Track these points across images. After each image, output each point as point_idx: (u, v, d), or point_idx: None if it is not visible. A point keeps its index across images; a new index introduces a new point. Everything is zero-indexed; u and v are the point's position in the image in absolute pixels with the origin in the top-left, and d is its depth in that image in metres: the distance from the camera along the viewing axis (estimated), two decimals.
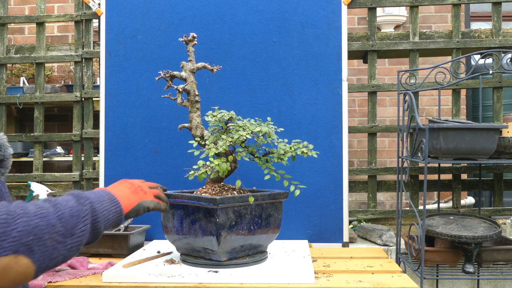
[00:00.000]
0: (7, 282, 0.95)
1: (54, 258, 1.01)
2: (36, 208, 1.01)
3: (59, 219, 1.02)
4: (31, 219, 0.98)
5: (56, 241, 1.01)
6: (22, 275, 0.97)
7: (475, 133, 1.84)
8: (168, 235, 1.71)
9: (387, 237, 2.31)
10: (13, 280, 0.96)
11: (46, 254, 0.99)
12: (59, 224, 1.02)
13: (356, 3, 2.43)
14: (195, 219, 1.59)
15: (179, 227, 1.63)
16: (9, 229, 0.94)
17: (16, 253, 0.94)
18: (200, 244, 1.60)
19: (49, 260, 1.00)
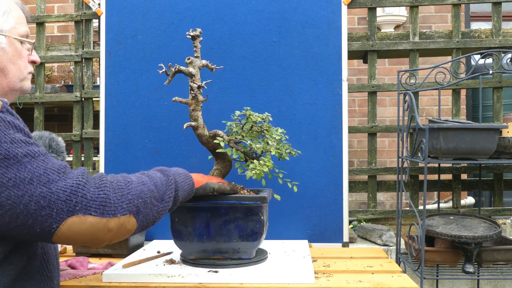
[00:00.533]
0: (117, 237, 1.12)
1: (149, 219, 1.18)
2: (136, 178, 1.18)
3: (155, 186, 1.20)
4: (137, 186, 1.15)
5: (153, 204, 1.18)
6: (127, 233, 1.14)
7: (475, 133, 1.84)
8: (184, 241, 1.61)
9: (387, 237, 2.31)
10: (120, 236, 1.12)
11: (145, 215, 1.16)
12: (155, 190, 1.20)
13: (356, 3, 2.43)
14: (230, 219, 1.59)
15: (204, 230, 1.59)
16: (125, 193, 1.11)
17: (130, 213, 1.11)
18: (232, 246, 1.60)
19: (146, 221, 1.17)
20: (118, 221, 1.08)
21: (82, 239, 1.06)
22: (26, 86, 1.26)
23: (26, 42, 1.24)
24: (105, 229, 1.06)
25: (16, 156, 0.99)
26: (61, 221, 1.00)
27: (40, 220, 0.99)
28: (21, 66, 1.23)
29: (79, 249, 1.93)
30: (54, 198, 0.99)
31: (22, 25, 1.24)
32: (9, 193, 0.97)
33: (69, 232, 1.02)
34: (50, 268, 1.18)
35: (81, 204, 1.02)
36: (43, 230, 1.01)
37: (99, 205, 1.04)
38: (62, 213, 1.00)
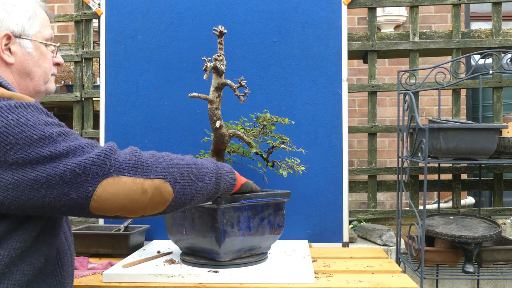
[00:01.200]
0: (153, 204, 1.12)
1: (186, 194, 1.18)
2: (176, 155, 1.22)
3: (195, 164, 1.22)
4: (173, 159, 1.18)
5: (191, 179, 1.19)
6: (164, 202, 1.14)
7: (475, 133, 1.84)
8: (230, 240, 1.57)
9: (387, 237, 2.31)
10: (156, 204, 1.13)
11: (183, 188, 1.17)
12: (194, 167, 1.21)
13: (356, 3, 2.43)
14: (264, 216, 1.66)
15: (246, 228, 1.61)
16: (159, 161, 1.14)
17: (165, 179, 1.13)
18: (264, 240, 1.67)
19: (182, 195, 1.17)
20: (152, 183, 1.10)
21: (119, 201, 1.07)
22: (51, 88, 1.30)
23: (50, 45, 1.28)
24: (139, 190, 1.08)
25: (51, 136, 1.04)
26: (96, 184, 1.04)
27: (76, 186, 1.03)
28: (46, 69, 1.27)
29: (79, 249, 1.93)
30: (89, 164, 1.03)
31: (47, 28, 1.27)
32: (44, 167, 1.01)
33: (105, 194, 1.05)
34: (64, 274, 1.19)
35: (114, 166, 1.06)
36: (80, 196, 1.03)
37: (132, 166, 1.08)
38: (97, 177, 1.04)
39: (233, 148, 1.89)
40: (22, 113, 1.04)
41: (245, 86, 1.67)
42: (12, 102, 1.04)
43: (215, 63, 1.63)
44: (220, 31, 1.65)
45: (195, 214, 1.60)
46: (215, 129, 1.66)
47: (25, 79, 1.22)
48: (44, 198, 1.03)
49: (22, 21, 1.20)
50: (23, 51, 1.21)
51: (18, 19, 1.20)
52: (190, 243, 1.66)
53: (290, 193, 1.73)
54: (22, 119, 1.03)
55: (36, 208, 1.04)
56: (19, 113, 1.03)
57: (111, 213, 1.10)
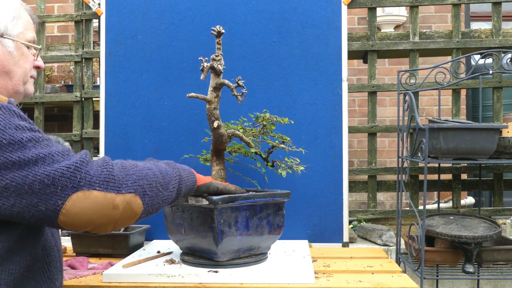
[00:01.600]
0: (124, 219, 1.11)
1: (154, 205, 1.17)
2: (142, 163, 1.21)
3: (160, 173, 1.21)
4: (142, 169, 1.16)
5: (158, 190, 1.18)
6: (134, 215, 1.13)
7: (475, 133, 1.84)
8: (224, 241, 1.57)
9: (387, 237, 2.31)
10: (127, 218, 1.11)
11: (151, 199, 1.16)
12: (160, 176, 1.20)
13: (356, 3, 2.43)
14: (263, 216, 1.65)
15: (244, 228, 1.60)
16: (129, 173, 1.12)
17: (136, 193, 1.11)
18: (263, 241, 1.67)
19: (152, 205, 1.16)
20: (123, 198, 1.08)
21: (89, 216, 1.04)
22: (29, 90, 1.29)
23: (32, 47, 1.28)
24: (110, 205, 1.06)
25: (21, 141, 1.01)
26: (66, 197, 1.01)
27: (45, 198, 1.00)
28: (26, 70, 1.26)
29: (79, 249, 1.93)
30: (58, 176, 1.01)
31: (30, 31, 1.28)
32: (13, 175, 0.99)
33: (74, 209, 1.02)
34: (52, 270, 1.19)
35: (85, 179, 1.03)
36: (48, 208, 1.01)
37: (103, 180, 1.06)
38: (67, 189, 1.01)
39: (234, 148, 1.89)
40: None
41: (243, 86, 1.67)
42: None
43: (212, 63, 1.62)
44: (218, 31, 1.65)
45: (194, 214, 1.60)
46: (213, 129, 1.66)
47: (4, 78, 1.22)
48: (13, 208, 1.01)
49: (5, 21, 1.21)
50: (4, 50, 1.21)
51: (1, 18, 1.21)
52: (189, 243, 1.66)
53: (290, 193, 1.73)
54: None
55: (5, 217, 1.02)
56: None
57: (81, 228, 1.07)
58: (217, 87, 1.65)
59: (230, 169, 2.03)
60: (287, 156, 1.90)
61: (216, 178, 1.73)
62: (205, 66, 1.60)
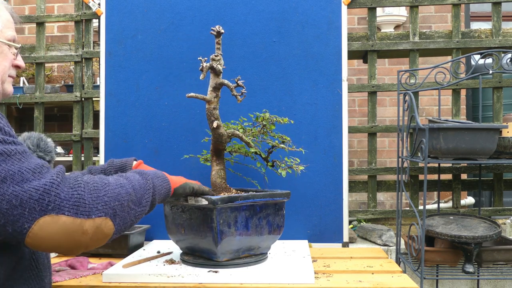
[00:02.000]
0: (94, 242, 1.07)
1: (126, 223, 1.13)
2: (114, 180, 1.14)
3: (133, 189, 1.16)
4: (114, 188, 1.11)
5: (130, 207, 1.14)
6: (105, 237, 1.09)
7: (475, 133, 1.84)
8: (227, 240, 1.57)
9: (387, 237, 2.31)
10: (97, 240, 1.08)
11: (123, 218, 1.11)
12: (133, 193, 1.16)
13: (356, 3, 2.43)
14: (263, 216, 1.65)
15: (244, 228, 1.60)
16: (101, 195, 1.06)
17: (106, 215, 1.06)
18: (262, 240, 1.67)
19: (123, 224, 1.12)
20: (93, 223, 1.03)
21: (56, 240, 1.01)
22: (8, 90, 1.24)
23: (12, 46, 1.24)
24: (79, 231, 1.02)
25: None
26: (33, 221, 0.97)
27: (12, 219, 0.97)
28: (4, 68, 1.22)
29: None
30: (26, 197, 0.97)
31: (10, 29, 1.23)
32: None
33: (41, 233, 0.98)
34: (40, 267, 1.18)
35: (54, 203, 0.99)
36: (15, 230, 0.98)
37: (73, 205, 1.01)
38: (35, 212, 0.97)
39: (234, 148, 1.89)
40: None
41: (242, 85, 1.67)
42: None
43: (211, 63, 1.62)
44: (217, 31, 1.65)
45: (193, 214, 1.60)
46: (213, 129, 1.66)
47: None
48: None
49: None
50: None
51: None
52: (189, 243, 1.66)
53: (289, 193, 1.73)
54: None
55: None
56: None
57: (48, 250, 1.05)
58: (216, 87, 1.65)
59: (230, 169, 2.03)
60: (287, 156, 1.90)
61: (216, 178, 1.73)
62: (205, 66, 1.60)
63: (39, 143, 1.64)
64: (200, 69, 1.60)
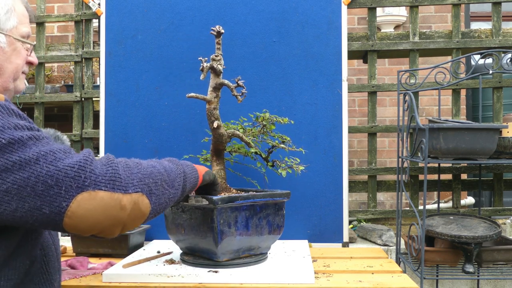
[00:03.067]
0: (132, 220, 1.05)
1: (161, 203, 1.13)
2: (146, 161, 1.16)
3: (165, 171, 1.16)
4: (146, 167, 1.11)
5: (164, 188, 1.13)
6: (142, 215, 1.07)
7: (475, 133, 1.84)
8: (227, 240, 1.57)
9: (387, 237, 2.31)
10: (134, 218, 1.06)
11: (158, 198, 1.11)
12: (165, 174, 1.16)
13: (356, 3, 2.43)
14: (263, 216, 1.65)
15: (244, 228, 1.60)
16: (134, 172, 1.07)
17: (142, 192, 1.06)
18: (263, 240, 1.67)
19: (158, 204, 1.11)
20: (130, 198, 1.02)
21: (95, 218, 0.98)
22: (20, 87, 1.23)
23: (26, 43, 1.22)
24: (117, 206, 1.00)
25: (21, 140, 0.96)
26: (70, 199, 0.96)
27: (49, 200, 0.95)
28: (18, 66, 1.20)
29: (79, 249, 1.93)
30: (62, 176, 0.96)
31: (25, 25, 1.22)
32: (14, 177, 0.94)
33: (80, 210, 0.96)
34: (50, 271, 1.16)
35: (90, 179, 0.98)
36: (52, 211, 0.96)
37: (109, 180, 1.00)
38: (71, 190, 0.96)
39: (234, 148, 1.89)
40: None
41: (243, 86, 1.67)
42: None
43: (212, 63, 1.62)
44: (217, 31, 1.65)
45: (193, 214, 1.60)
46: (213, 129, 1.66)
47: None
48: (16, 212, 0.96)
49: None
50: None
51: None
52: (189, 243, 1.66)
53: (290, 193, 1.73)
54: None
55: (7, 222, 0.97)
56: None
57: (87, 231, 1.01)
58: (216, 87, 1.65)
59: (230, 169, 2.03)
60: (287, 156, 1.90)
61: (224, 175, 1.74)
62: (205, 66, 1.60)
63: (56, 141, 1.65)
64: (201, 69, 1.60)
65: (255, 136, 1.82)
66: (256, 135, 1.82)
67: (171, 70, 2.25)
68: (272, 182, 2.14)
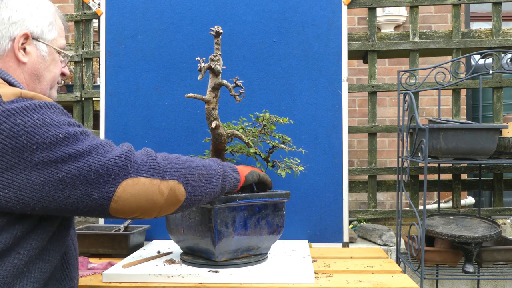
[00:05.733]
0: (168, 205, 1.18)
1: (197, 196, 1.24)
2: (185, 156, 1.27)
3: (204, 166, 1.27)
4: (184, 160, 1.23)
5: (201, 181, 1.24)
6: (177, 202, 1.20)
7: (475, 133, 1.84)
8: (223, 241, 1.57)
9: (387, 237, 2.31)
10: (170, 204, 1.18)
11: (194, 189, 1.22)
12: (203, 169, 1.27)
13: (356, 3, 2.43)
14: (262, 216, 1.65)
15: (242, 228, 1.60)
16: (172, 162, 1.20)
17: (179, 180, 1.18)
18: (262, 241, 1.67)
19: (194, 196, 1.23)
20: (167, 184, 1.15)
21: (138, 201, 1.11)
22: (54, 95, 1.33)
23: (63, 54, 1.31)
24: (157, 191, 1.13)
25: (75, 135, 1.07)
26: (117, 184, 1.08)
27: (99, 186, 1.06)
28: (55, 75, 1.30)
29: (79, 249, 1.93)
30: (112, 165, 1.07)
31: (62, 38, 1.32)
32: (69, 167, 1.04)
33: (125, 194, 1.08)
34: (70, 268, 1.22)
35: (133, 168, 1.10)
36: (101, 196, 1.07)
37: (149, 167, 1.13)
38: (118, 177, 1.08)
39: (236, 148, 1.89)
40: (47, 113, 1.07)
41: (241, 85, 1.66)
42: (36, 102, 1.07)
43: (210, 63, 1.62)
44: (216, 31, 1.65)
45: (192, 214, 1.60)
46: (212, 129, 1.66)
47: (34, 81, 1.25)
48: (68, 199, 1.05)
49: (42, 25, 1.25)
50: (37, 53, 1.24)
51: (39, 22, 1.24)
52: (189, 243, 1.66)
53: (289, 193, 1.73)
54: (47, 119, 1.05)
55: (59, 209, 1.06)
56: (44, 113, 1.06)
57: (129, 214, 1.13)
58: (215, 87, 1.65)
59: None
60: (287, 157, 1.90)
61: None
62: (203, 67, 1.60)
63: None
64: (198, 70, 1.60)
65: (255, 136, 1.82)
66: (256, 135, 1.82)
67: (171, 70, 2.25)
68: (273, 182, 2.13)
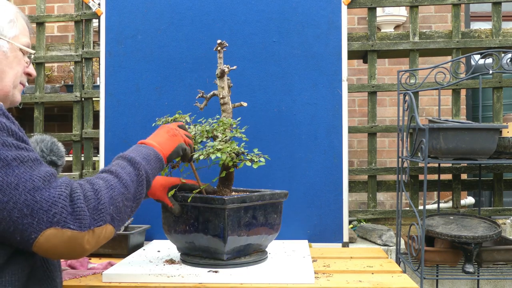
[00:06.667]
0: (97, 247, 1.10)
1: (123, 221, 1.16)
2: (104, 182, 1.13)
3: (125, 187, 1.17)
4: (107, 192, 1.11)
5: (126, 206, 1.16)
6: (107, 240, 1.12)
7: (475, 133, 1.84)
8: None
9: (387, 237, 2.31)
10: (100, 244, 1.11)
11: (120, 219, 1.14)
12: (126, 191, 1.17)
13: (356, 3, 2.43)
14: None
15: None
16: (101, 201, 1.08)
17: (105, 223, 1.09)
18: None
19: (122, 222, 1.16)
20: (93, 233, 1.07)
21: (60, 251, 1.05)
22: (17, 97, 1.27)
23: (27, 52, 1.27)
24: (83, 243, 1.05)
25: (5, 159, 0.99)
26: (39, 232, 1.00)
27: (21, 228, 1.00)
28: (18, 72, 1.25)
29: None
30: (37, 207, 1.00)
31: (26, 36, 1.28)
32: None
33: (47, 244, 1.02)
34: (50, 268, 1.19)
35: (60, 215, 1.01)
36: (23, 239, 1.01)
37: (76, 219, 1.03)
38: (42, 223, 1.00)
39: None
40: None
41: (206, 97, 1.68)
42: None
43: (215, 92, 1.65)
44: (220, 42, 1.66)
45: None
46: None
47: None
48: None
49: (1, 22, 1.21)
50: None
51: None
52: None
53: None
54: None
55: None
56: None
57: (52, 258, 1.11)
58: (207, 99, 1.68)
59: None
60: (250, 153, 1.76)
61: None
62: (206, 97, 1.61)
63: (53, 148, 1.65)
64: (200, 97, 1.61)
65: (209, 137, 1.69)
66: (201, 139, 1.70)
67: (171, 70, 2.25)
68: (272, 182, 2.14)
